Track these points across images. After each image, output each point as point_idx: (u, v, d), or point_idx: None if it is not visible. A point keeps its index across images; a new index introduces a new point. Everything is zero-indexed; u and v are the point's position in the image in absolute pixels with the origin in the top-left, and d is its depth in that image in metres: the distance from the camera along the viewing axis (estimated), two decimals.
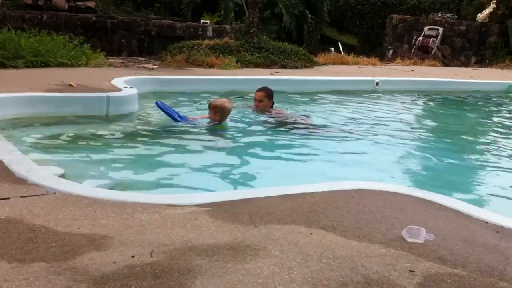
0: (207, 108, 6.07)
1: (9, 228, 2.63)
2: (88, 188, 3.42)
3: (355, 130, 6.75)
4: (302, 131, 6.34)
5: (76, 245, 2.48)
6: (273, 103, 6.95)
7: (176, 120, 5.97)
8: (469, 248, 2.76)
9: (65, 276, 2.19)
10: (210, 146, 5.52)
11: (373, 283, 2.30)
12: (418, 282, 2.34)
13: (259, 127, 6.34)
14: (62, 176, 3.68)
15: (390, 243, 2.73)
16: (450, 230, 2.99)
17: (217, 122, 5.99)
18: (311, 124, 6.76)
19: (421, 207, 3.36)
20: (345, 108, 8.59)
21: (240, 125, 6.36)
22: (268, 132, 6.20)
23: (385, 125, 7.39)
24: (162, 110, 6.03)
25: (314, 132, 6.45)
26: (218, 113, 5.95)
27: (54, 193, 3.16)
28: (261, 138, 5.94)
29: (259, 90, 6.94)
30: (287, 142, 5.90)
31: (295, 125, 6.56)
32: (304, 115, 7.19)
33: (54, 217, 2.80)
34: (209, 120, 6.04)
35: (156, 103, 6.07)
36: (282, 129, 6.40)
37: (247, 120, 6.59)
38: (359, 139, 6.35)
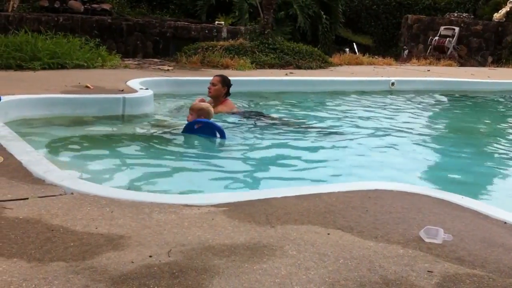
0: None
1: (28, 228, 2.65)
2: (105, 189, 3.44)
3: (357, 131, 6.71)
4: (309, 130, 6.36)
5: (94, 245, 2.50)
6: (228, 94, 6.78)
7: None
8: (487, 249, 2.73)
9: (83, 275, 2.21)
10: (225, 146, 5.52)
11: (391, 284, 2.29)
12: (437, 283, 2.33)
13: (264, 128, 6.30)
14: (80, 176, 3.71)
15: (408, 244, 2.72)
16: (468, 231, 2.97)
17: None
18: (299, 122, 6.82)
19: (439, 207, 3.34)
20: (361, 108, 8.56)
21: (244, 127, 6.32)
22: (275, 133, 6.18)
23: (401, 125, 7.35)
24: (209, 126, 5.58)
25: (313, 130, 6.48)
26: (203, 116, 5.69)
27: (72, 193, 3.19)
28: (270, 140, 5.92)
29: (216, 76, 6.89)
30: (298, 142, 5.88)
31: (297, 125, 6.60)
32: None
33: (72, 217, 2.82)
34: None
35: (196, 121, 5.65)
36: (288, 129, 6.38)
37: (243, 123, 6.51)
38: (375, 139, 6.32)
